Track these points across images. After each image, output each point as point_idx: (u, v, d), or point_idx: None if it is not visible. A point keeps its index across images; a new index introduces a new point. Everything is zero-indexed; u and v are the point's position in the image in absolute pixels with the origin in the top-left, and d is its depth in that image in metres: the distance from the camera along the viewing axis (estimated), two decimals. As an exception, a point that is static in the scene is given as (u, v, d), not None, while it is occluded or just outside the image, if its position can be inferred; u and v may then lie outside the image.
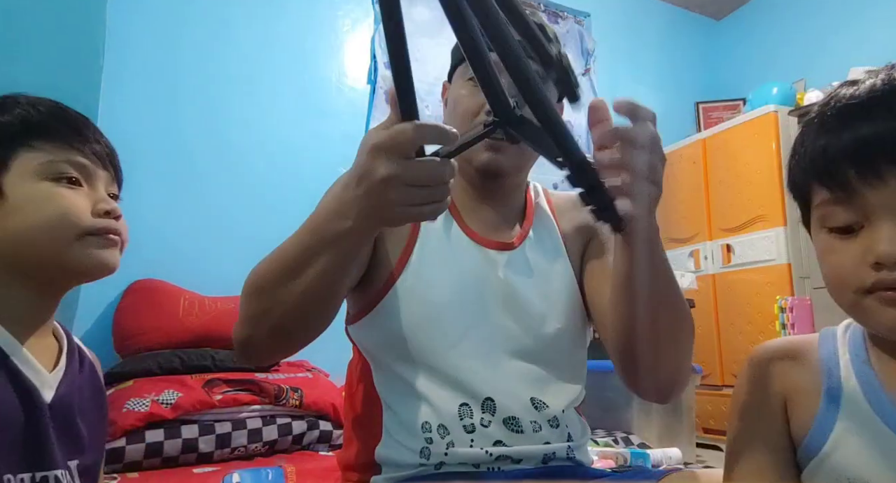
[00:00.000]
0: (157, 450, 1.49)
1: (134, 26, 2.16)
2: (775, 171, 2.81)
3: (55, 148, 0.67)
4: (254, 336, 0.68)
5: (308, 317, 0.66)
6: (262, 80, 2.37)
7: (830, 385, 0.57)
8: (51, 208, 0.64)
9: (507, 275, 0.82)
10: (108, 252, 0.68)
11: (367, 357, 0.82)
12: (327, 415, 1.78)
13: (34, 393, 0.63)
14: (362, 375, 0.83)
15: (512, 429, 0.75)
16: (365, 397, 0.81)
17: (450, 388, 0.76)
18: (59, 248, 0.65)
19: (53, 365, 0.68)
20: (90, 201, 0.68)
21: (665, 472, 0.77)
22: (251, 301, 0.67)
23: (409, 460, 0.74)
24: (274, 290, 0.64)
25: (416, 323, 0.77)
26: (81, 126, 0.70)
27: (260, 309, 0.66)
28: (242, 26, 2.38)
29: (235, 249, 2.21)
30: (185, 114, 2.22)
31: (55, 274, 0.67)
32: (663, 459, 1.86)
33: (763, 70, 3.49)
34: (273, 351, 0.72)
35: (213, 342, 1.82)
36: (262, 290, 0.65)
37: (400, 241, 0.81)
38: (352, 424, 0.84)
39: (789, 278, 2.71)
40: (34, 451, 0.61)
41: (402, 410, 0.77)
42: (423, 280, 0.79)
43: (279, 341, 0.69)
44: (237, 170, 2.28)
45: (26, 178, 0.65)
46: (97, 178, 0.70)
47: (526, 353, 0.80)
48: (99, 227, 0.67)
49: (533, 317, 0.81)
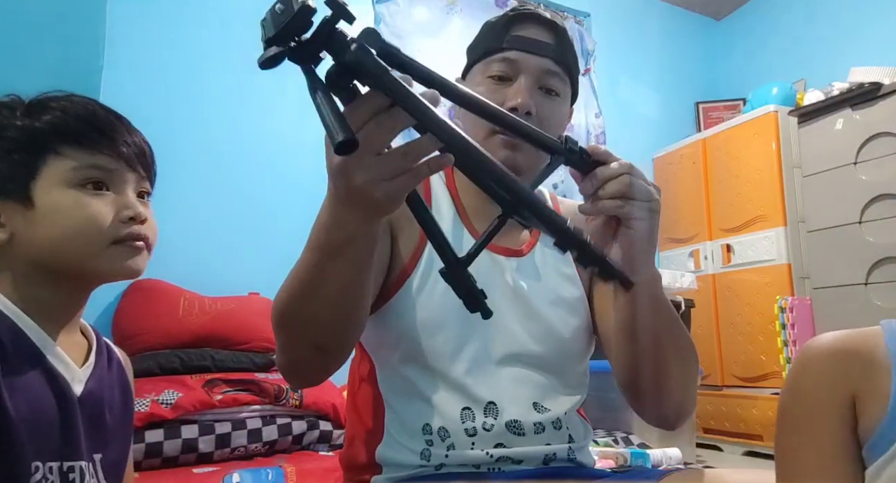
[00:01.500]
0: (156, 450, 1.49)
1: (134, 26, 2.15)
2: (775, 171, 2.81)
3: (83, 154, 0.68)
4: (295, 361, 0.67)
5: (340, 330, 0.64)
6: (262, 81, 2.37)
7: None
8: (76, 218, 0.66)
9: (516, 280, 0.81)
10: (134, 260, 0.70)
11: (371, 356, 0.82)
12: (327, 415, 1.78)
13: (66, 386, 0.66)
14: (365, 375, 0.82)
15: (514, 432, 0.75)
16: (368, 397, 0.81)
17: (453, 390, 0.75)
18: (85, 256, 0.67)
19: (83, 361, 0.71)
20: (115, 207, 0.69)
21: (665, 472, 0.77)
22: (282, 331, 0.65)
23: (409, 461, 0.74)
24: (299, 314, 0.62)
25: (423, 324, 0.77)
26: (110, 129, 0.71)
27: (292, 336, 0.64)
28: (242, 26, 2.38)
29: (235, 250, 2.22)
30: (185, 114, 2.22)
31: (83, 277, 0.70)
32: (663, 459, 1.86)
33: (763, 70, 3.49)
34: (318, 369, 0.68)
35: (213, 342, 1.82)
36: (289, 317, 0.63)
37: (411, 241, 0.80)
38: (354, 424, 0.83)
39: (789, 278, 2.71)
40: (64, 442, 0.64)
41: (403, 411, 0.76)
42: (431, 282, 0.78)
43: (321, 360, 0.66)
44: (237, 170, 2.28)
45: (54, 186, 0.66)
46: (124, 181, 0.71)
47: (531, 359, 0.79)
48: (123, 235, 0.68)
49: (540, 323, 0.80)
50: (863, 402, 0.57)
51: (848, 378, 0.58)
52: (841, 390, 0.58)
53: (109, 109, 0.74)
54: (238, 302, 1.99)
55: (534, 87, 0.80)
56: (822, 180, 2.55)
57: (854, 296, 2.38)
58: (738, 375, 2.85)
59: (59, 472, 0.63)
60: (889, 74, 2.42)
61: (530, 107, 0.78)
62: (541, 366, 0.80)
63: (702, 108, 3.60)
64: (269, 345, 1.96)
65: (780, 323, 2.59)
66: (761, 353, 2.74)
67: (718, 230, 3.07)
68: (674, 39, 3.73)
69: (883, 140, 2.34)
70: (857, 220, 2.39)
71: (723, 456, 2.68)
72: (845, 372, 0.58)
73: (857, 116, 2.44)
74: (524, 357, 0.79)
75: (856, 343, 0.60)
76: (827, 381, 0.59)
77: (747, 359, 2.81)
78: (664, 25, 3.70)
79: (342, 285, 0.59)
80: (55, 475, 0.62)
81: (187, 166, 2.18)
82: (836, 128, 2.50)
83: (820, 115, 2.57)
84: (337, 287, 0.58)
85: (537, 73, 0.80)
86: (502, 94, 0.79)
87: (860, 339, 0.60)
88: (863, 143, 2.39)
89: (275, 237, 2.20)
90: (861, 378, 0.58)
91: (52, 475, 0.62)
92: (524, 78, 0.79)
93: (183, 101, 2.22)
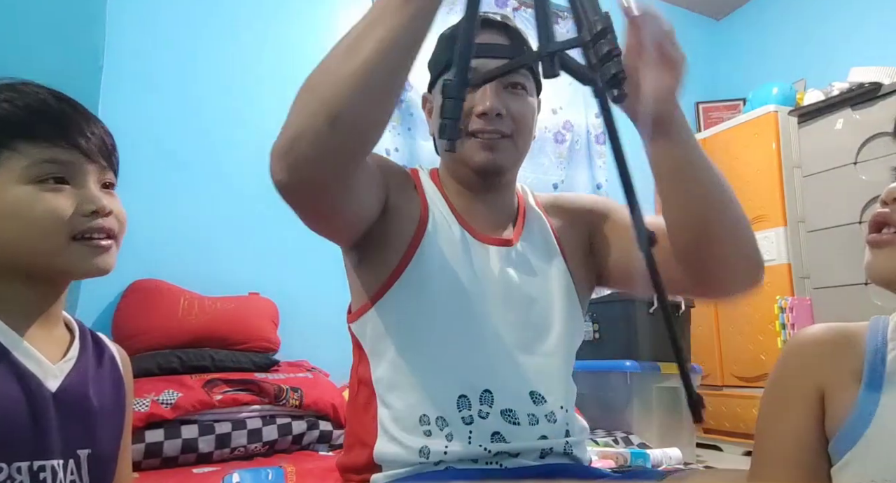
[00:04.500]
0: (156, 450, 1.49)
1: (134, 26, 2.15)
2: (775, 171, 2.81)
3: (37, 148, 0.64)
4: (302, 130, 0.60)
5: (362, 101, 0.60)
6: (263, 81, 2.37)
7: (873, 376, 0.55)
8: (33, 215, 0.63)
9: (507, 270, 0.84)
10: (101, 258, 0.67)
11: (367, 353, 0.83)
12: (327, 415, 1.78)
13: (36, 383, 0.63)
14: (363, 377, 0.83)
15: (509, 420, 0.76)
16: (364, 399, 0.82)
17: (449, 379, 0.77)
18: (48, 254, 0.64)
19: (62, 355, 0.68)
20: (75, 201, 0.66)
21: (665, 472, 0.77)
22: (308, 89, 0.62)
23: (407, 458, 0.74)
24: (333, 67, 0.60)
25: (419, 314, 0.79)
26: (65, 120, 0.67)
27: (311, 95, 0.61)
28: (244, 27, 2.38)
29: (235, 249, 2.22)
30: (185, 113, 2.22)
31: (50, 274, 0.67)
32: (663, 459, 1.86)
33: (763, 70, 3.49)
34: (319, 146, 0.60)
35: (213, 342, 1.82)
36: (315, 77, 0.62)
37: (409, 228, 0.82)
38: (353, 427, 0.84)
39: (789, 278, 2.71)
40: (35, 441, 0.62)
41: (400, 405, 0.77)
42: (426, 273, 0.80)
43: (328, 135, 0.59)
44: (237, 170, 2.28)
45: (9, 183, 0.63)
46: (84, 173, 0.67)
47: (525, 347, 0.81)
48: (84, 230, 0.65)
49: (532, 311, 0.83)
50: (830, 396, 0.57)
51: (819, 371, 0.58)
52: (811, 382, 0.58)
53: (62, 97, 0.69)
54: (238, 302, 1.99)
55: (499, 89, 0.83)
56: (822, 180, 2.55)
57: (854, 296, 2.38)
58: (738, 375, 2.85)
59: (28, 473, 0.60)
60: (889, 74, 2.42)
61: (499, 109, 0.82)
62: (535, 352, 0.81)
63: (702, 108, 3.60)
64: (269, 345, 1.97)
65: (780, 323, 2.59)
66: (761, 352, 2.74)
67: (718, 230, 3.06)
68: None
69: (883, 140, 2.34)
70: (857, 220, 2.39)
71: (723, 456, 2.69)
72: (818, 364, 0.58)
73: (857, 116, 2.44)
74: (519, 344, 0.81)
75: (837, 337, 0.59)
76: (800, 371, 0.59)
77: (747, 359, 2.81)
78: (664, 25, 3.70)
79: (383, 42, 0.59)
80: (24, 475, 0.60)
81: (187, 166, 2.18)
82: (836, 128, 2.50)
83: (820, 115, 2.57)
84: (378, 42, 0.59)
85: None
86: (471, 100, 0.81)
87: (843, 333, 0.60)
88: (863, 143, 2.39)
89: (275, 237, 2.20)
90: (832, 372, 0.57)
91: (19, 475, 0.60)
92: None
93: (183, 101, 2.22)
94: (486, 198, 0.89)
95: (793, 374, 0.60)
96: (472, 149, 0.83)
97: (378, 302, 0.80)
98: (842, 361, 0.57)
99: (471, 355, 0.78)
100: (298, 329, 2.13)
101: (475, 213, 0.88)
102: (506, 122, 0.83)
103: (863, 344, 0.58)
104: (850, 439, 0.54)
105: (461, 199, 0.88)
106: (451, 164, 0.89)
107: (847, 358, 0.57)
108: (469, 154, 0.84)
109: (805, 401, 0.58)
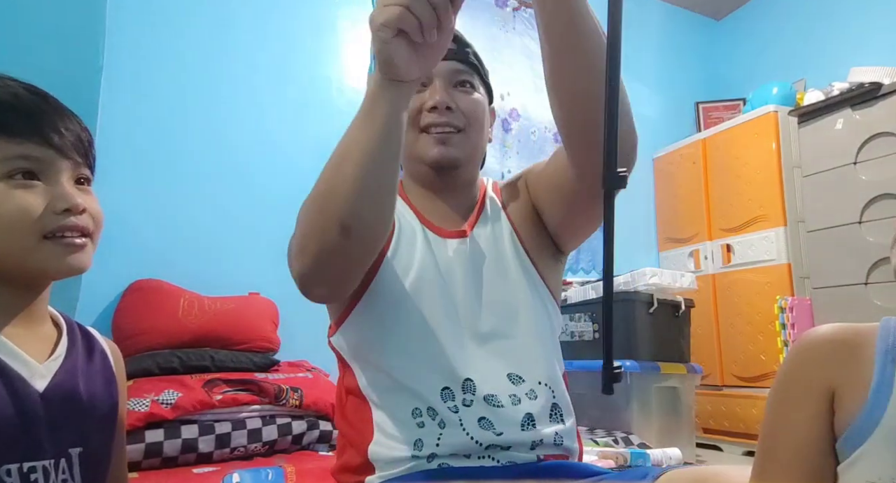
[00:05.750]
0: (156, 450, 1.49)
1: (134, 26, 2.16)
2: (775, 171, 2.81)
3: (7, 144, 0.62)
4: (319, 246, 0.67)
5: (366, 206, 0.66)
6: (263, 80, 2.37)
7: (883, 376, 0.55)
8: (1, 213, 0.61)
9: (465, 260, 0.86)
10: (75, 257, 0.65)
11: (352, 363, 0.85)
12: (327, 415, 1.78)
13: (23, 384, 0.62)
14: (350, 387, 0.85)
15: (493, 404, 0.77)
16: (353, 405, 0.84)
17: (431, 374, 0.79)
18: (20, 253, 0.63)
19: (49, 354, 0.67)
20: (47, 199, 0.64)
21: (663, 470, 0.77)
22: (309, 209, 0.68)
23: (401, 455, 0.75)
24: (328, 184, 0.66)
25: (394, 315, 0.81)
26: (37, 115, 0.65)
27: (319, 211, 0.67)
28: (243, 26, 2.38)
29: (235, 249, 2.22)
30: (185, 113, 2.22)
31: (23, 274, 0.65)
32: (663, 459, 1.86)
33: (763, 70, 3.50)
34: (339, 254, 0.67)
35: (213, 342, 1.82)
36: (319, 192, 0.68)
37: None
38: (344, 434, 0.86)
39: (789, 278, 2.71)
40: (24, 442, 0.61)
41: (390, 404, 0.79)
42: (393, 277, 0.83)
43: (343, 244, 0.66)
44: (237, 170, 2.28)
45: None
46: (57, 170, 0.65)
47: (495, 332, 0.83)
48: (55, 228, 0.64)
49: (494, 296, 0.85)
50: (840, 396, 0.57)
51: (829, 370, 0.58)
52: (821, 381, 0.58)
53: (36, 90, 0.67)
54: (238, 302, 1.99)
55: (448, 86, 0.88)
56: (822, 180, 2.55)
57: (854, 296, 2.38)
58: (738, 375, 2.85)
59: (18, 474, 0.60)
60: (889, 74, 2.42)
61: (448, 102, 0.86)
62: (505, 335, 0.83)
63: (702, 108, 3.60)
64: (268, 345, 1.97)
65: (780, 323, 2.59)
66: (761, 352, 2.74)
67: (718, 230, 3.07)
68: (674, 39, 3.73)
69: (883, 140, 2.34)
70: (857, 220, 2.39)
71: (723, 456, 2.69)
72: (828, 364, 0.58)
73: (857, 116, 2.44)
74: (489, 330, 0.83)
75: (847, 337, 0.59)
76: (809, 371, 0.59)
77: (747, 359, 2.81)
78: (664, 25, 3.71)
79: (368, 147, 0.65)
80: (14, 477, 0.59)
81: (187, 166, 2.19)
82: (836, 128, 2.50)
83: (820, 115, 2.57)
84: (363, 148, 0.65)
85: (448, 75, 0.89)
86: (421, 98, 0.87)
87: (853, 333, 0.60)
88: (863, 143, 2.39)
89: (275, 237, 2.20)
90: (842, 372, 0.57)
91: (10, 478, 0.59)
92: (438, 80, 0.88)
93: (183, 101, 2.22)
94: (447, 196, 0.92)
95: (803, 373, 0.60)
96: (427, 144, 0.87)
97: (352, 312, 0.82)
98: (852, 361, 0.58)
99: (447, 348, 0.80)
100: (298, 329, 2.13)
101: (435, 211, 0.91)
102: (457, 115, 0.87)
103: (873, 344, 0.58)
104: (859, 438, 0.54)
105: (424, 201, 0.91)
106: (409, 163, 0.92)
107: (857, 358, 0.58)
108: (424, 150, 0.87)
109: (815, 399, 0.58)
